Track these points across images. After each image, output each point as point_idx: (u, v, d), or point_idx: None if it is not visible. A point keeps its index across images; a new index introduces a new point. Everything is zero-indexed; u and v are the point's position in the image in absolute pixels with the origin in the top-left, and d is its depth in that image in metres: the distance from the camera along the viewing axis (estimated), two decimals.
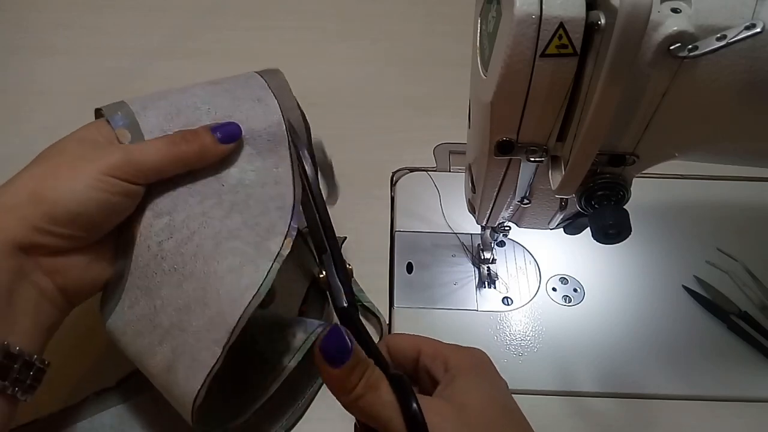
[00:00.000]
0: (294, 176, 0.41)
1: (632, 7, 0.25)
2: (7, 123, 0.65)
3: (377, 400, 0.30)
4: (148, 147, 0.37)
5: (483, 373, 0.33)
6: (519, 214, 0.43)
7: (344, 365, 0.29)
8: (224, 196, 0.39)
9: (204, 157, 0.38)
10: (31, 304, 0.34)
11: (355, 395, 0.30)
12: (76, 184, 0.34)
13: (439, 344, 0.35)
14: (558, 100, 0.32)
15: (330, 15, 0.79)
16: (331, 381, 0.30)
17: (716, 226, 0.57)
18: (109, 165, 0.35)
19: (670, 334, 0.50)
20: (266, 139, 0.41)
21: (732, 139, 0.35)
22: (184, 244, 0.37)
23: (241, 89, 0.42)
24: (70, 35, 0.75)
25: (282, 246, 0.39)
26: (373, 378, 0.30)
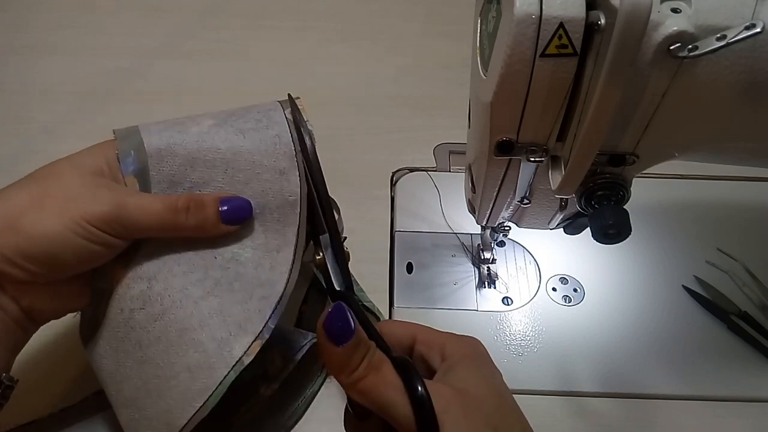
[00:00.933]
0: (293, 266, 0.38)
1: (632, 7, 0.25)
2: (7, 123, 0.65)
3: (380, 382, 0.29)
4: (146, 206, 0.34)
5: (481, 362, 0.32)
6: (519, 214, 0.43)
7: (347, 344, 0.29)
8: (211, 272, 0.37)
9: (201, 232, 0.36)
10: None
11: (357, 375, 0.29)
12: (55, 224, 0.32)
13: (434, 332, 0.34)
14: (558, 100, 0.32)
15: (330, 15, 0.79)
16: (333, 360, 0.30)
17: (716, 226, 0.57)
18: (95, 214, 0.33)
19: (670, 334, 0.50)
20: (277, 218, 0.38)
21: (732, 139, 0.35)
22: (153, 321, 0.36)
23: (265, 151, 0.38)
24: (70, 35, 0.75)
25: (246, 351, 0.36)
26: (376, 359, 0.30)
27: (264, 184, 0.38)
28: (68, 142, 0.35)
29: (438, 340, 0.33)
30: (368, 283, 0.53)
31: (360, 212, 0.58)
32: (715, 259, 0.54)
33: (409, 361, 0.30)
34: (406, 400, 0.28)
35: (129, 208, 0.34)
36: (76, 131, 0.63)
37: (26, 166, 0.35)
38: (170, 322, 0.35)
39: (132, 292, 0.36)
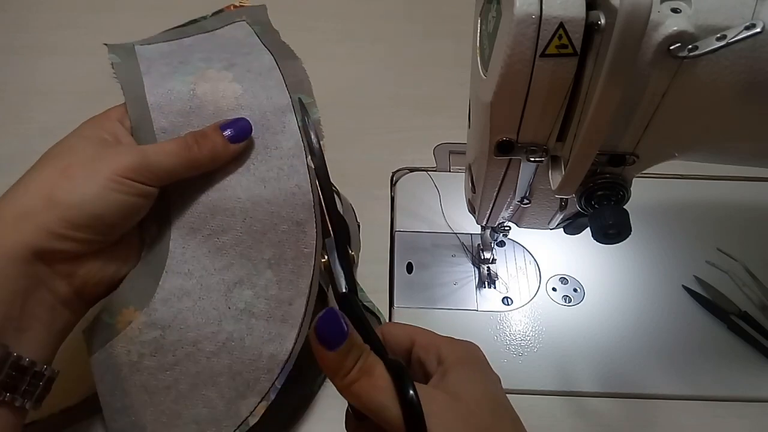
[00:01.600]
0: (304, 319, 0.39)
1: (632, 7, 0.25)
2: (7, 123, 0.65)
3: (371, 385, 0.30)
4: (163, 149, 0.36)
5: (476, 367, 0.33)
6: (519, 214, 0.43)
7: (339, 348, 0.29)
8: (224, 324, 0.37)
9: (216, 159, 0.37)
10: (45, 310, 0.33)
11: (350, 379, 0.30)
12: (92, 186, 0.33)
13: (433, 336, 0.34)
14: (558, 100, 0.31)
15: (330, 15, 0.79)
16: (326, 364, 0.30)
17: (716, 226, 0.57)
18: (124, 166, 0.34)
19: (670, 334, 0.50)
20: (291, 269, 0.39)
21: (732, 139, 0.35)
22: (164, 370, 0.36)
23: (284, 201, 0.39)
24: (70, 35, 0.75)
25: (252, 412, 0.37)
26: (368, 363, 0.30)
27: (281, 235, 0.39)
28: None
29: (435, 343, 0.34)
30: (368, 283, 0.53)
31: (360, 212, 0.58)
32: (715, 259, 0.54)
33: (402, 365, 0.30)
34: (397, 404, 0.29)
35: (149, 154, 0.35)
36: None
37: (26, 166, 0.35)
38: (181, 374, 0.36)
39: (144, 337, 0.36)
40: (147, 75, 0.39)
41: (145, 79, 0.39)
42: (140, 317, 0.36)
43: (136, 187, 0.34)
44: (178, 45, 0.43)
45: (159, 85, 0.38)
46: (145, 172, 0.35)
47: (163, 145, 0.37)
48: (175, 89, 0.38)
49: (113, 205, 0.34)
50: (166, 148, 0.36)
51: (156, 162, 0.35)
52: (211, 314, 0.37)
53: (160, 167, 0.35)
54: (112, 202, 0.33)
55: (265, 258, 0.39)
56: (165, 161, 0.35)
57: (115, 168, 0.34)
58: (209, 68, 0.40)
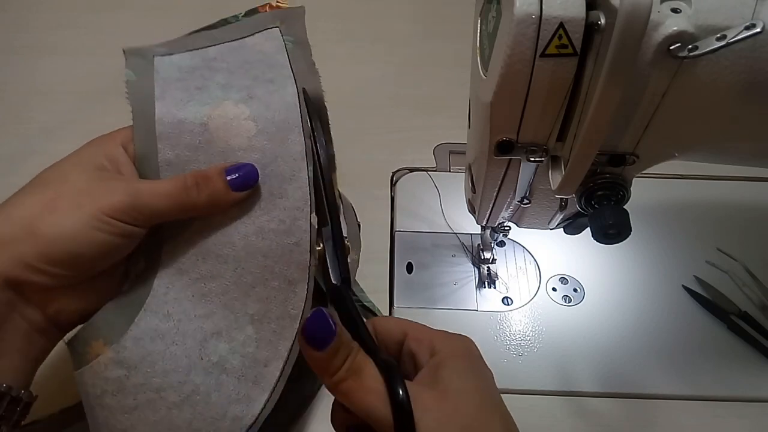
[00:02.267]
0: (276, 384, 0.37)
1: (632, 7, 0.25)
2: (7, 123, 0.65)
3: (359, 385, 0.30)
4: (158, 189, 0.34)
5: (469, 362, 0.32)
6: (519, 214, 0.43)
7: (327, 348, 0.29)
8: (193, 375, 0.35)
9: (214, 206, 0.36)
10: (19, 337, 0.33)
11: (338, 378, 0.30)
12: (74, 222, 0.32)
13: (426, 329, 0.34)
14: (558, 100, 0.31)
15: (330, 15, 0.79)
16: (315, 363, 0.30)
17: (716, 226, 0.57)
18: (112, 206, 0.32)
19: (670, 334, 0.50)
20: (273, 329, 0.37)
21: (732, 139, 0.35)
22: (123, 412, 0.34)
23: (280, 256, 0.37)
24: (70, 35, 0.75)
25: None
26: (357, 362, 0.30)
27: (270, 292, 0.37)
28: (68, 142, 0.35)
29: (428, 336, 0.33)
30: (368, 283, 0.53)
31: (360, 212, 0.58)
32: (715, 259, 0.54)
33: (393, 364, 0.30)
34: (386, 404, 0.29)
35: (142, 193, 0.34)
36: (76, 131, 0.63)
37: (26, 166, 0.35)
38: (138, 421, 0.35)
39: (108, 374, 0.34)
40: (160, 101, 0.37)
41: (158, 105, 0.37)
42: (108, 352, 0.35)
43: (121, 228, 0.33)
44: (201, 58, 0.40)
45: (171, 114, 0.37)
46: (134, 213, 0.33)
47: (159, 185, 0.35)
48: (188, 120, 0.37)
49: (94, 244, 0.32)
50: (162, 189, 0.35)
51: (148, 203, 0.34)
52: (181, 362, 0.35)
53: (151, 209, 0.34)
54: (94, 241, 0.32)
55: (249, 312, 0.37)
56: (158, 203, 0.34)
57: (101, 206, 0.32)
58: (226, 99, 0.37)
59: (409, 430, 0.28)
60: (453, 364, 0.31)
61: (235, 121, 0.37)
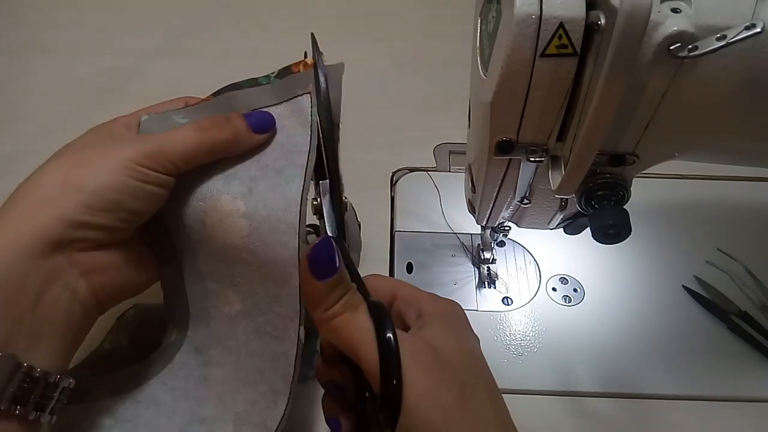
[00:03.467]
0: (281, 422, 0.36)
1: (632, 7, 0.25)
2: (7, 123, 0.65)
3: (353, 321, 0.30)
4: (176, 134, 0.35)
5: (455, 323, 0.33)
6: (519, 214, 0.43)
7: (329, 279, 0.29)
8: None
9: (237, 144, 0.36)
10: (60, 310, 0.31)
11: (333, 312, 0.30)
12: (108, 172, 0.32)
13: (415, 290, 0.34)
14: (558, 100, 0.31)
15: (330, 15, 0.79)
16: (312, 293, 0.30)
17: (716, 226, 0.57)
18: (140, 154, 0.33)
19: (670, 334, 0.50)
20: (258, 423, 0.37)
21: (732, 139, 0.35)
22: None
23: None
24: (70, 35, 0.75)
25: None
26: (354, 300, 0.30)
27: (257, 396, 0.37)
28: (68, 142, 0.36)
29: (417, 297, 0.34)
30: None
31: (360, 212, 0.58)
32: (715, 259, 0.54)
33: (384, 307, 0.31)
34: (375, 343, 0.29)
35: (163, 141, 0.34)
36: (76, 131, 0.63)
37: (26, 166, 0.35)
38: None
39: (101, 419, 0.36)
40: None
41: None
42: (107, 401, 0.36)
43: (151, 176, 0.33)
44: None
45: (174, 208, 0.37)
46: (160, 159, 0.33)
47: (179, 131, 0.35)
48: (189, 214, 0.36)
49: (130, 192, 0.33)
50: (181, 133, 0.35)
51: (170, 149, 0.34)
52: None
53: (175, 153, 0.34)
54: (130, 188, 0.33)
55: (235, 410, 0.37)
56: (180, 146, 0.34)
57: (129, 155, 0.33)
58: (224, 194, 0.36)
59: (394, 370, 0.28)
60: (440, 325, 0.32)
61: (230, 219, 0.36)
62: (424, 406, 0.28)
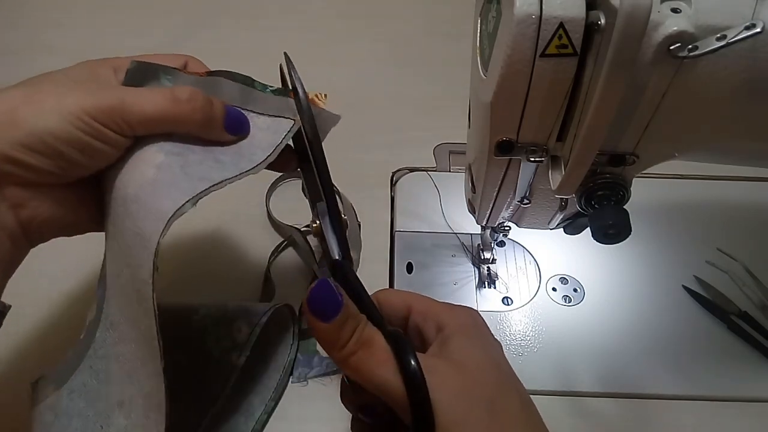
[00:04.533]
0: None
1: (632, 7, 0.25)
2: None
3: (370, 358, 0.28)
4: (144, 97, 0.32)
5: (478, 333, 0.32)
6: (519, 214, 0.43)
7: (334, 319, 0.28)
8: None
9: (207, 129, 0.34)
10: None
11: (348, 351, 0.28)
12: (55, 117, 0.30)
13: (430, 302, 0.33)
14: (558, 100, 0.31)
15: (330, 15, 0.79)
16: (322, 335, 0.29)
17: (716, 226, 0.57)
18: (95, 106, 0.31)
19: (670, 334, 0.50)
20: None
21: (732, 139, 0.35)
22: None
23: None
24: (70, 35, 0.75)
25: None
26: (366, 334, 0.29)
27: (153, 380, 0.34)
28: None
29: (434, 310, 0.33)
30: (368, 283, 0.52)
31: (360, 212, 0.58)
32: (715, 259, 0.54)
33: (402, 335, 0.29)
34: (398, 376, 0.27)
35: (127, 100, 0.32)
36: None
37: None
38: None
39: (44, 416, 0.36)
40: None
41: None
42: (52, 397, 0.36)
43: (102, 133, 0.31)
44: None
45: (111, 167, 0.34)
46: (116, 118, 0.31)
47: (149, 93, 0.33)
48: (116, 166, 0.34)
49: (75, 143, 0.31)
50: (151, 96, 0.33)
51: (133, 110, 0.32)
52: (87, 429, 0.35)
53: (136, 116, 0.32)
54: (75, 139, 0.31)
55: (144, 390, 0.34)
56: (144, 109, 0.32)
57: (82, 105, 0.31)
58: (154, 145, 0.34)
59: (423, 401, 0.27)
60: (462, 337, 0.30)
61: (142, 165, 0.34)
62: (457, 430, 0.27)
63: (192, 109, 0.33)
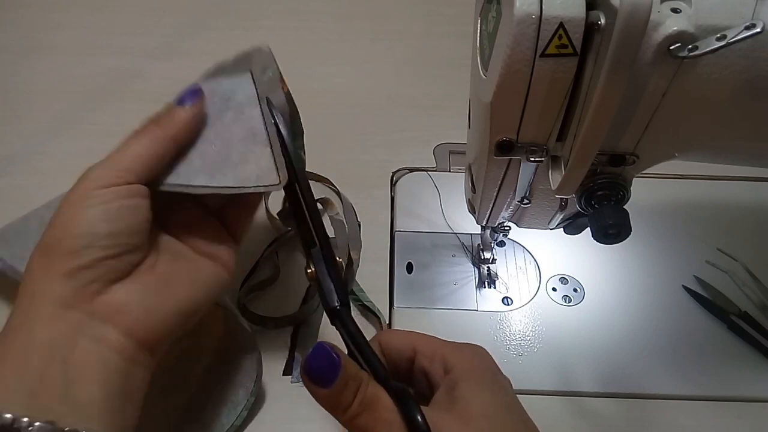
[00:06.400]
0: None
1: (632, 7, 0.25)
2: (6, 123, 0.65)
3: (377, 419, 0.28)
4: (122, 146, 0.34)
5: (485, 374, 0.31)
6: (519, 214, 0.43)
7: (334, 384, 0.28)
8: None
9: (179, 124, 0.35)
10: (94, 365, 0.29)
11: (351, 414, 0.28)
12: (81, 210, 0.31)
13: (436, 342, 0.33)
14: (558, 100, 0.31)
15: (330, 15, 0.79)
16: (323, 402, 0.28)
17: (716, 226, 0.57)
18: (97, 179, 0.32)
19: (670, 334, 0.50)
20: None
21: (732, 139, 0.35)
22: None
23: None
24: (70, 35, 0.75)
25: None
26: (369, 394, 0.28)
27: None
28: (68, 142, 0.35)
29: (440, 351, 0.32)
30: (368, 283, 0.53)
31: (360, 212, 0.58)
32: (715, 259, 0.54)
33: (407, 392, 0.29)
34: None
35: (113, 156, 0.33)
36: (76, 131, 0.63)
37: (26, 166, 0.35)
38: None
39: None
40: None
41: None
42: None
43: (111, 193, 0.32)
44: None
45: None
46: (113, 173, 0.33)
47: (122, 142, 0.34)
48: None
49: (97, 218, 0.31)
50: (125, 142, 0.34)
51: (120, 160, 0.33)
52: None
53: (126, 161, 0.33)
54: (95, 215, 0.31)
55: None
56: (129, 153, 0.33)
57: (89, 185, 0.32)
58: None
59: None
60: (470, 382, 0.30)
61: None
62: None
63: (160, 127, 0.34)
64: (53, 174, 0.44)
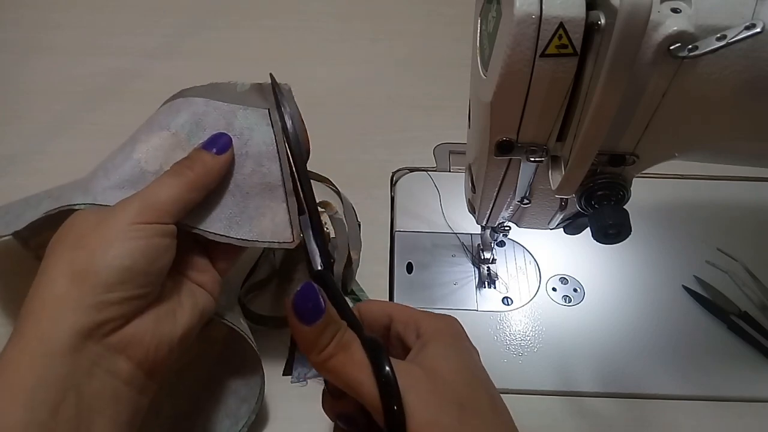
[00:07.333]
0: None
1: (632, 7, 0.25)
2: (6, 123, 0.65)
3: (348, 361, 0.30)
4: (157, 185, 0.35)
5: (454, 341, 0.33)
6: (519, 214, 0.43)
7: (316, 323, 0.29)
8: None
9: (210, 173, 0.37)
10: (107, 398, 0.31)
11: (327, 354, 0.30)
12: (110, 244, 0.32)
13: (411, 310, 0.35)
14: (558, 100, 0.32)
15: (330, 15, 0.79)
16: (303, 338, 0.30)
17: (716, 226, 0.57)
18: (132, 214, 0.33)
19: (670, 334, 0.50)
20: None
21: (732, 139, 0.35)
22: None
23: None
24: (70, 35, 0.75)
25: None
26: (345, 338, 0.30)
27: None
28: (68, 142, 0.36)
29: (414, 318, 0.34)
30: (368, 283, 0.53)
31: (360, 212, 0.58)
32: (715, 259, 0.54)
33: (378, 341, 0.31)
34: (373, 379, 0.29)
35: (147, 195, 0.35)
36: (76, 131, 0.63)
37: (26, 166, 0.35)
38: None
39: None
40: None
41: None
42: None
43: (150, 229, 0.33)
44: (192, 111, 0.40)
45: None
46: (152, 211, 0.34)
47: (158, 180, 0.36)
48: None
49: (137, 253, 0.32)
50: (160, 181, 0.36)
51: (157, 199, 0.34)
52: None
53: (162, 201, 0.34)
54: (135, 250, 0.32)
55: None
56: (165, 194, 0.35)
57: (124, 219, 0.33)
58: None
59: (395, 404, 0.28)
60: (439, 344, 0.32)
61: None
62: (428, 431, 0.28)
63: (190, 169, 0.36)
64: (53, 174, 0.44)
